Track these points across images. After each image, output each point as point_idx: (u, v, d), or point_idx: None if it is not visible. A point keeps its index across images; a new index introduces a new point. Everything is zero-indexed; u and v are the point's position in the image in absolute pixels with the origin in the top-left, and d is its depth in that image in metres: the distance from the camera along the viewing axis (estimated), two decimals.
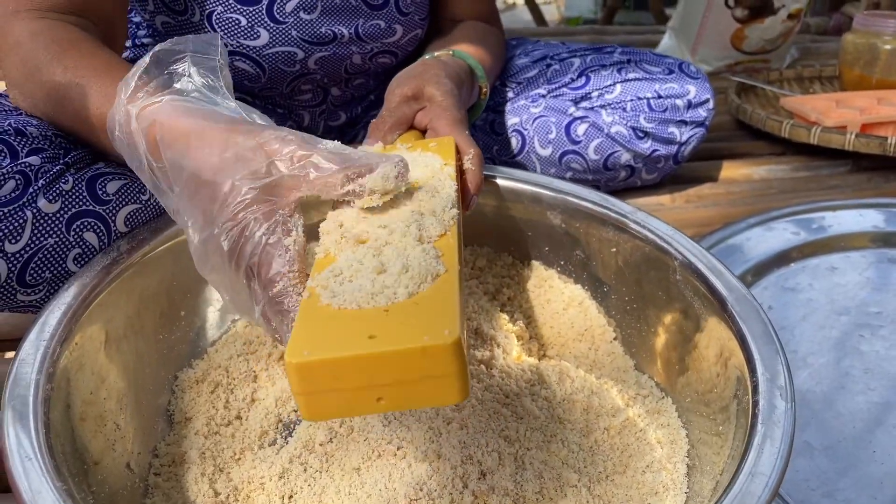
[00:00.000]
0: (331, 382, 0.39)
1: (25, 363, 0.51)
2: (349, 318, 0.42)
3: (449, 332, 0.39)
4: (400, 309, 0.42)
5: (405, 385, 0.39)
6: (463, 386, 0.39)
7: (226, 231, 0.48)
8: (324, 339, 0.40)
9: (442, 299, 0.43)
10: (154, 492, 0.57)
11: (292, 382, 0.40)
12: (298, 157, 0.48)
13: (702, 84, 1.02)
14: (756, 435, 0.47)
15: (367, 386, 0.39)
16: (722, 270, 0.63)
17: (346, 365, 0.39)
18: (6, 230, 0.58)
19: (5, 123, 0.62)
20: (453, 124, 0.68)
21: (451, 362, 0.38)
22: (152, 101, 0.53)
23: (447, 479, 0.57)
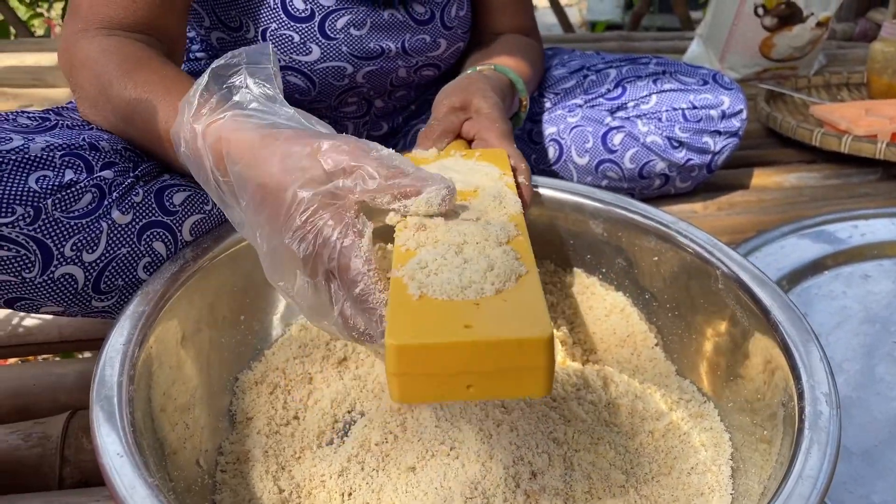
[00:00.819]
0: (427, 366, 0.41)
1: (109, 366, 0.54)
2: (442, 307, 0.44)
3: (542, 328, 0.41)
4: (490, 303, 0.44)
5: (497, 374, 0.41)
6: (549, 379, 0.42)
7: (297, 239, 0.50)
8: (422, 325, 0.42)
9: (529, 297, 0.45)
10: (222, 487, 0.61)
11: (390, 363, 0.41)
12: (350, 168, 0.50)
13: (735, 95, 1.04)
14: (803, 440, 0.50)
15: (460, 373, 0.41)
16: (763, 279, 0.65)
17: (445, 351, 0.41)
18: (84, 241, 0.61)
19: (80, 139, 0.65)
20: (502, 136, 0.71)
21: (543, 356, 0.41)
22: (216, 118, 0.56)
23: (500, 478, 0.60)
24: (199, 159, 0.57)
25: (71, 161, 0.62)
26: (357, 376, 0.71)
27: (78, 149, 0.64)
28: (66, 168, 0.62)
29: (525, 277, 0.48)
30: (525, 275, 0.48)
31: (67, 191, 0.61)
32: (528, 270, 0.49)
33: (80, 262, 0.62)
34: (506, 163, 0.67)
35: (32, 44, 1.67)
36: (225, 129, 0.55)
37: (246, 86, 0.59)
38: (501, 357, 0.41)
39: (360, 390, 0.70)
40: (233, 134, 0.54)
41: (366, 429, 0.65)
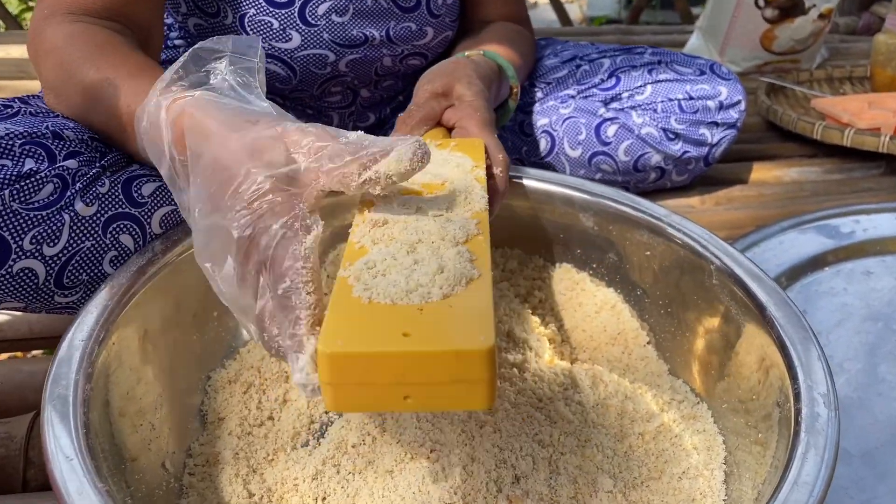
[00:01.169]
0: (361, 376, 0.39)
1: (64, 363, 0.51)
2: (383, 312, 0.42)
3: (484, 339, 0.39)
4: (434, 309, 0.42)
5: (434, 386, 0.39)
6: (491, 393, 0.39)
7: (238, 219, 0.46)
8: (357, 331, 0.40)
9: (476, 304, 0.42)
10: (189, 492, 0.58)
11: (322, 371, 0.40)
12: (316, 148, 0.47)
13: (733, 85, 1.01)
14: (799, 444, 0.47)
15: (396, 383, 0.39)
16: (760, 275, 0.62)
17: (379, 360, 0.39)
18: (45, 233, 0.59)
19: (42, 127, 0.62)
20: (483, 126, 0.68)
21: (483, 368, 0.38)
22: (184, 95, 0.53)
23: (481, 482, 0.57)
24: (158, 133, 0.52)
25: (31, 150, 0.59)
26: None
27: (40, 137, 0.61)
28: (25, 157, 0.59)
29: (476, 282, 0.45)
30: (477, 279, 0.45)
31: (27, 181, 0.58)
32: (480, 274, 0.46)
33: (41, 255, 0.59)
34: (481, 154, 0.64)
35: (19, 36, 1.65)
36: (190, 105, 0.52)
37: (224, 73, 0.55)
38: (439, 369, 0.38)
39: None
40: (197, 110, 0.51)
41: (343, 430, 0.63)
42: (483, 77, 0.75)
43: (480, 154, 0.64)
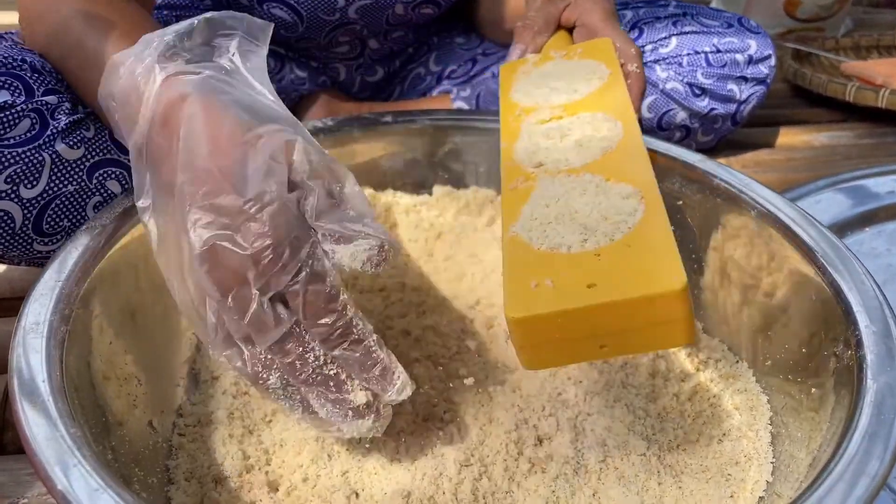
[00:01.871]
0: (553, 333, 0.38)
1: (38, 303, 0.46)
2: (560, 264, 0.40)
3: (676, 278, 0.36)
4: (612, 253, 0.40)
5: (630, 332, 0.37)
6: (690, 329, 0.37)
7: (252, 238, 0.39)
8: (542, 289, 0.39)
9: (656, 240, 0.40)
10: (178, 453, 0.52)
11: (514, 337, 0.39)
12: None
13: (763, 39, 0.95)
14: (866, 391, 0.41)
15: (590, 335, 0.38)
16: (807, 218, 0.56)
17: (569, 317, 0.37)
18: (21, 173, 0.53)
19: (20, 58, 0.57)
20: (605, 19, 0.64)
21: (679, 308, 0.36)
22: (186, 73, 0.44)
23: (500, 444, 0.52)
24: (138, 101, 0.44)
25: (6, 81, 0.54)
26: None
27: (16, 68, 0.56)
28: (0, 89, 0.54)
29: (647, 215, 0.42)
30: (646, 212, 0.42)
31: (0, 114, 0.53)
32: (648, 207, 0.43)
33: (17, 197, 0.54)
34: (612, 55, 0.60)
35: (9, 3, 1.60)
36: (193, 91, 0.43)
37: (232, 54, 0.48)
38: (633, 315, 0.37)
39: None
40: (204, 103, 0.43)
41: None
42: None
43: (611, 55, 0.60)
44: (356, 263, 0.41)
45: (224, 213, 0.39)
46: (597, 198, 0.45)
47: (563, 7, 0.68)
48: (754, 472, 0.49)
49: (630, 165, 0.47)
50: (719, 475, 0.50)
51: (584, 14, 0.65)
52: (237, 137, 0.41)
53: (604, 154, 0.48)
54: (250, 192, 0.39)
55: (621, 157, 0.48)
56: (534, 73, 0.61)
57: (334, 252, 0.41)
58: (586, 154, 0.49)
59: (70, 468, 0.37)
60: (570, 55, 0.62)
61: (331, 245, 0.41)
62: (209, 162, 0.40)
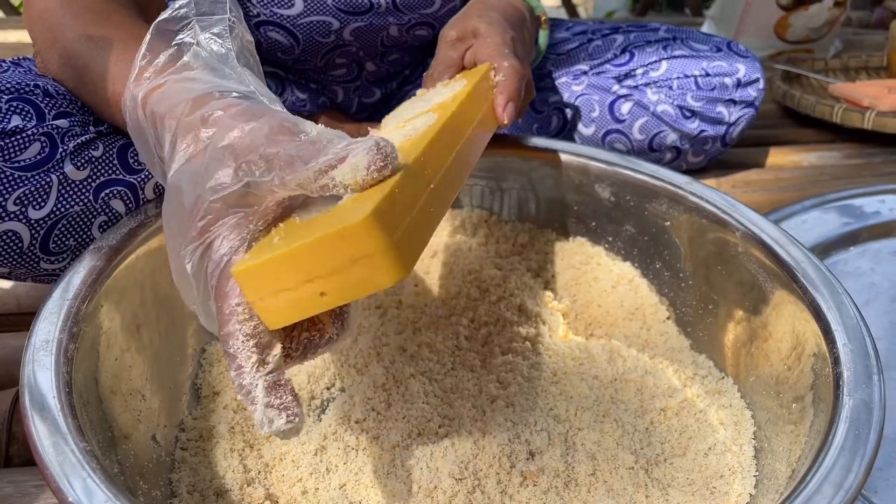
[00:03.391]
0: (273, 283, 0.40)
1: (47, 321, 0.48)
2: (293, 229, 0.42)
3: (360, 212, 0.37)
4: (344, 205, 0.41)
5: (339, 274, 0.39)
6: (395, 263, 0.38)
7: (189, 252, 0.42)
8: (262, 250, 0.41)
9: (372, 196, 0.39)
10: (181, 466, 0.54)
11: (244, 292, 0.41)
12: (268, 155, 0.40)
13: (751, 63, 0.98)
14: (842, 408, 0.43)
15: (305, 280, 0.39)
16: (788, 240, 0.58)
17: (279, 263, 0.39)
18: (31, 194, 0.55)
19: (32, 84, 0.59)
20: (495, 48, 0.65)
21: (369, 240, 0.37)
22: (156, 85, 0.47)
23: (494, 458, 0.53)
24: (142, 133, 0.48)
25: (19, 106, 0.56)
26: (338, 350, 0.65)
27: (28, 94, 0.58)
28: (12, 113, 0.56)
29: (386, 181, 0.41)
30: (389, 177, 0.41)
31: (12, 138, 0.55)
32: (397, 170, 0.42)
33: (26, 218, 0.55)
34: (479, 74, 0.61)
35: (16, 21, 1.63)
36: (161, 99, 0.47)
37: (197, 42, 0.50)
38: (332, 254, 0.38)
39: (341, 365, 0.64)
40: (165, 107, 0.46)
41: (346, 405, 0.59)
42: (500, 7, 0.72)
43: (479, 74, 0.62)
44: (360, 173, 0.39)
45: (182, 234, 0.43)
46: None
47: (465, 50, 0.69)
48: (738, 486, 0.51)
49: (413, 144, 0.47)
50: (704, 488, 0.52)
51: (479, 50, 0.66)
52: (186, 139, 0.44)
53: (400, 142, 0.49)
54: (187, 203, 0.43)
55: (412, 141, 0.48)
56: (419, 100, 0.63)
57: (333, 178, 0.40)
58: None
59: (79, 480, 0.39)
60: (447, 82, 0.64)
61: (329, 174, 0.40)
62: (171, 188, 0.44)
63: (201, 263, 0.42)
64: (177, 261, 0.43)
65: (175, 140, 0.44)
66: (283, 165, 0.40)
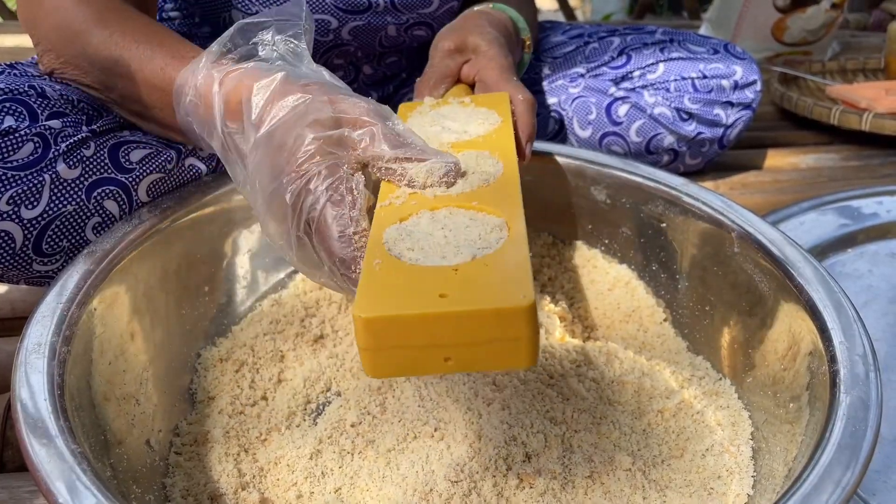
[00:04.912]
0: (399, 339, 0.38)
1: (40, 325, 0.48)
2: (417, 274, 0.41)
3: (524, 296, 0.37)
4: (470, 269, 0.40)
5: (475, 346, 0.38)
6: (534, 351, 0.38)
7: (290, 183, 0.46)
8: (393, 294, 0.39)
9: (513, 261, 0.41)
10: (175, 471, 0.54)
11: (359, 337, 0.38)
12: (362, 122, 0.48)
13: (748, 65, 0.98)
14: (839, 405, 0.42)
15: (435, 345, 0.38)
16: (784, 240, 0.58)
17: (417, 323, 0.37)
18: (23, 194, 0.55)
19: (25, 85, 0.59)
20: (501, 72, 0.65)
21: (524, 326, 0.37)
22: (237, 67, 0.53)
23: (489, 460, 0.53)
24: (209, 109, 0.53)
25: (11, 107, 0.56)
26: (334, 354, 0.65)
27: (21, 95, 0.58)
28: (4, 114, 0.56)
29: (510, 239, 0.43)
30: (510, 238, 0.43)
31: (4, 139, 0.55)
32: (512, 232, 0.44)
33: (18, 217, 0.55)
34: (506, 107, 0.61)
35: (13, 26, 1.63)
36: (245, 76, 0.52)
37: (273, 42, 0.56)
38: (479, 328, 0.37)
39: (337, 369, 0.63)
40: (252, 80, 0.51)
41: (341, 409, 0.59)
42: (496, 25, 0.73)
43: (506, 107, 0.61)
44: (432, 178, 0.48)
45: (274, 169, 0.48)
46: (465, 224, 0.45)
47: (462, 62, 0.69)
48: (736, 486, 0.51)
49: (502, 200, 0.48)
50: (702, 489, 0.52)
51: (482, 70, 0.67)
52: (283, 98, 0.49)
53: (479, 187, 0.49)
54: (288, 143, 0.47)
55: (496, 192, 0.49)
56: (430, 113, 0.62)
57: (406, 170, 0.48)
58: (464, 185, 0.49)
59: (71, 485, 0.38)
60: (466, 103, 0.63)
61: (404, 165, 0.48)
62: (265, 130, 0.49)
63: (299, 197, 0.46)
64: (269, 195, 0.48)
65: (271, 100, 0.49)
66: (373, 137, 0.47)
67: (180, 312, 0.62)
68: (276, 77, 0.51)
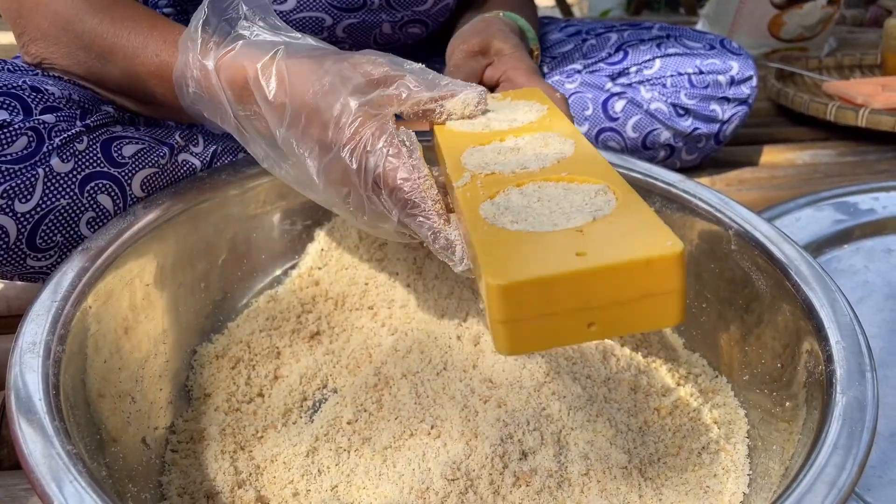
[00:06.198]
0: (542, 306, 0.34)
1: (35, 323, 0.47)
2: (540, 239, 0.37)
3: (672, 243, 0.34)
4: (595, 228, 0.37)
5: (623, 305, 0.34)
6: (682, 304, 0.35)
7: (349, 150, 0.48)
8: (525, 259, 0.35)
9: (641, 217, 0.37)
10: (171, 468, 0.54)
11: (494, 309, 0.34)
12: (392, 78, 0.50)
13: (744, 60, 0.98)
14: (835, 405, 0.42)
15: (579, 308, 0.34)
16: (782, 237, 0.58)
17: (562, 284, 0.33)
18: (17, 188, 0.55)
19: (20, 81, 0.59)
20: (530, 74, 0.65)
21: (677, 276, 0.34)
22: (225, 51, 0.54)
23: (486, 458, 0.53)
24: (215, 98, 0.55)
25: (5, 101, 0.56)
26: (330, 351, 0.64)
27: (15, 89, 0.57)
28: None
29: (621, 202, 0.39)
30: (621, 198, 0.40)
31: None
32: (620, 193, 0.40)
33: (12, 211, 0.55)
34: (543, 97, 0.59)
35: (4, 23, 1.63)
36: (240, 58, 0.53)
37: (243, 16, 0.57)
38: (629, 284, 0.34)
39: (333, 366, 0.63)
40: (251, 62, 0.52)
41: (337, 406, 0.59)
42: (515, 31, 0.73)
43: (543, 97, 0.60)
44: (469, 108, 0.53)
45: (323, 142, 0.50)
46: (561, 194, 0.42)
47: (486, 65, 0.69)
48: (731, 484, 0.51)
49: (592, 167, 0.44)
50: (698, 487, 0.52)
51: (509, 71, 0.66)
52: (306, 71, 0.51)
53: (560, 161, 0.46)
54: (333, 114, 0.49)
55: (580, 162, 0.45)
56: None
57: (444, 107, 0.52)
58: (543, 161, 0.46)
59: (66, 484, 0.38)
60: (500, 98, 0.60)
61: (441, 102, 0.52)
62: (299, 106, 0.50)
63: (361, 160, 0.48)
64: (326, 166, 0.50)
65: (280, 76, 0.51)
66: (407, 87, 0.50)
67: (176, 309, 0.62)
68: (276, 52, 0.52)
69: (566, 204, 0.40)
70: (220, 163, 0.69)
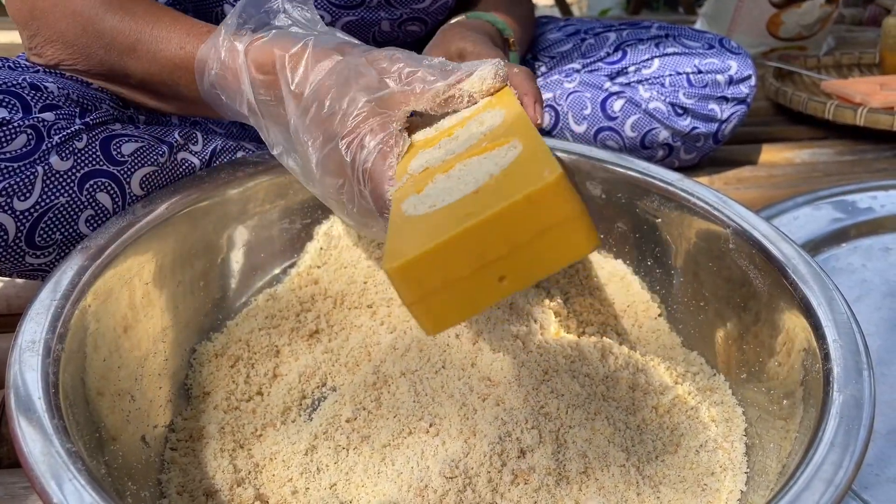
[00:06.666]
0: (440, 276, 0.34)
1: (34, 322, 0.47)
2: (439, 213, 0.37)
3: (549, 171, 0.33)
4: (490, 184, 0.37)
5: (522, 249, 0.33)
6: (589, 227, 0.33)
7: (346, 143, 0.49)
8: (417, 238, 0.35)
9: (530, 154, 0.37)
10: (171, 467, 0.54)
11: (401, 292, 0.35)
12: (406, 73, 0.51)
13: (743, 60, 0.98)
14: (832, 404, 0.43)
15: (480, 266, 0.34)
16: (780, 236, 0.58)
17: (450, 249, 0.33)
18: (16, 186, 0.55)
19: (20, 79, 0.59)
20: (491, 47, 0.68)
21: (561, 202, 0.32)
22: (260, 36, 0.56)
23: (484, 456, 0.53)
24: (235, 78, 0.56)
25: (4, 99, 0.56)
26: (329, 349, 0.65)
27: (15, 87, 0.57)
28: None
29: (525, 148, 0.39)
30: (524, 145, 0.39)
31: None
32: (525, 143, 0.40)
33: (11, 209, 0.55)
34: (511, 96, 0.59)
35: (5, 22, 1.62)
36: (272, 45, 0.55)
37: (284, 10, 0.59)
38: (517, 227, 0.33)
39: (332, 364, 0.63)
40: (281, 49, 0.54)
41: (336, 404, 0.59)
42: (475, 30, 0.74)
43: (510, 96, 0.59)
44: (487, 82, 0.52)
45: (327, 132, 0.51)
46: (478, 163, 0.42)
47: None
48: (729, 482, 0.51)
49: (514, 129, 0.44)
50: (696, 485, 0.52)
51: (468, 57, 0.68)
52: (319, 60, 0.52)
53: (486, 134, 0.46)
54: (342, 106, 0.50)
55: (503, 127, 0.45)
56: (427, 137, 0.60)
57: (462, 90, 0.52)
58: (473, 140, 0.46)
59: (65, 482, 0.38)
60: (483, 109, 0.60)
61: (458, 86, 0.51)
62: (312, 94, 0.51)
63: (357, 154, 0.49)
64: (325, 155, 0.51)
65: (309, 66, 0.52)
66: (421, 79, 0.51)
67: (175, 307, 0.62)
68: (307, 43, 0.53)
69: (479, 172, 0.40)
70: (219, 161, 0.69)
